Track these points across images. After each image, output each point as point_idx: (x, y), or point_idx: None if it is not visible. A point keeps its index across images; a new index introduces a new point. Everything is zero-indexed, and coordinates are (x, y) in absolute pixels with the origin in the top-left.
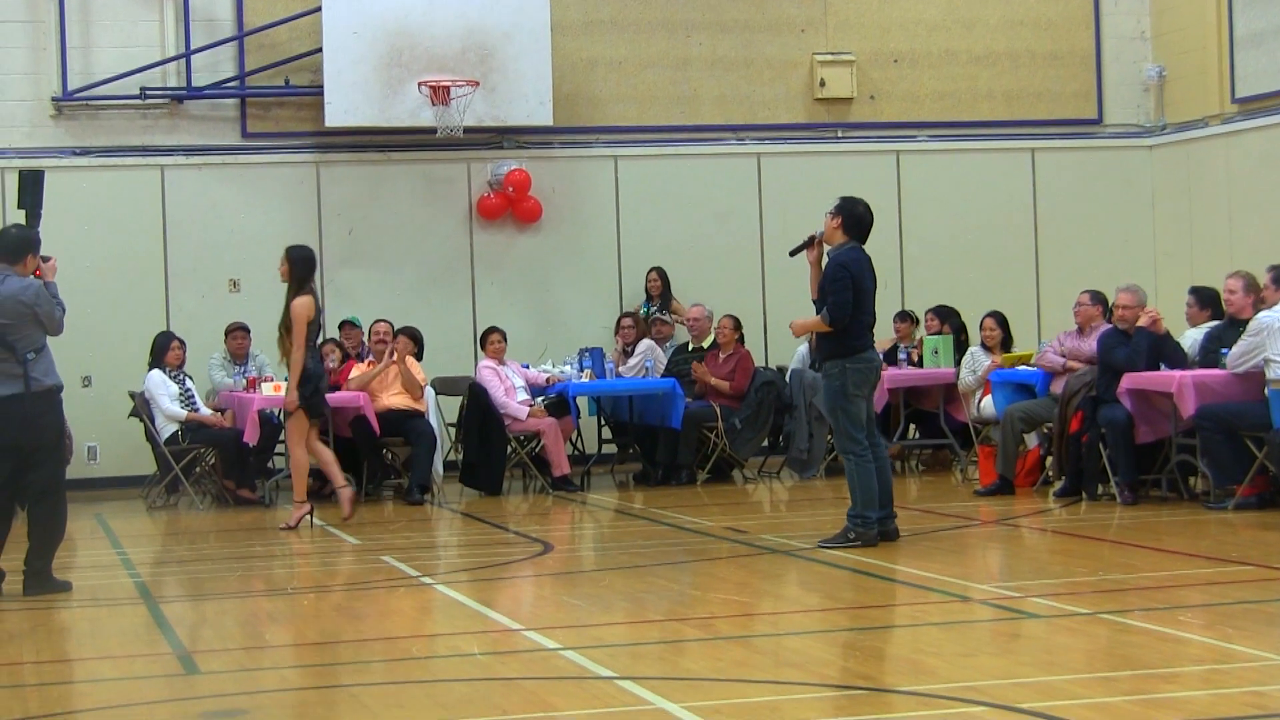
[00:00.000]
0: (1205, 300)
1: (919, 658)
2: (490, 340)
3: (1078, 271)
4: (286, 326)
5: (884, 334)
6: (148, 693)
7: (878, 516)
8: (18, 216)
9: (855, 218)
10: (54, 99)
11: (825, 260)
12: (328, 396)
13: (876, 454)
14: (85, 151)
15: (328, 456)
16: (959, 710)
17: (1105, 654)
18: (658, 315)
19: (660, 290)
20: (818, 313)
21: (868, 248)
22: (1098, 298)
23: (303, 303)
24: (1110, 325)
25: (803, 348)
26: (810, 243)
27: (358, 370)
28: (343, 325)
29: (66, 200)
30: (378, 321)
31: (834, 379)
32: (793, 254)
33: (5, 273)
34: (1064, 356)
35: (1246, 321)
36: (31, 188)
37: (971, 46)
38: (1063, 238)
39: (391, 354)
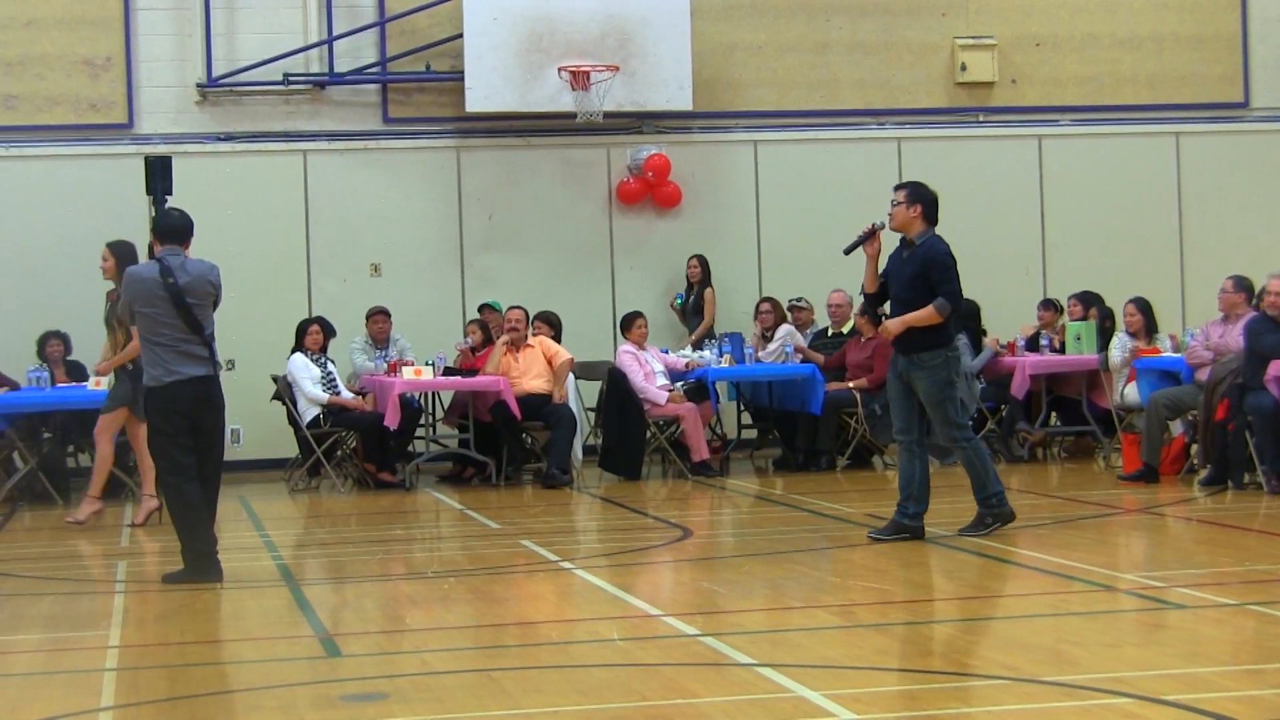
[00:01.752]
0: None
1: (1062, 647)
2: (635, 325)
3: (1223, 257)
4: (118, 320)
5: (1027, 320)
6: (290, 675)
7: (997, 491)
8: (171, 201)
9: (931, 203)
10: (199, 85)
11: (888, 252)
12: (469, 380)
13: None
14: (229, 137)
15: (108, 459)
16: (1103, 701)
17: (1253, 646)
18: (683, 303)
19: (699, 277)
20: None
21: (1012, 234)
22: (1242, 284)
23: None
24: (1258, 311)
25: None
26: (871, 235)
27: (494, 355)
28: (482, 309)
29: (210, 185)
30: (512, 308)
31: (938, 369)
32: (848, 251)
33: (179, 253)
34: (1211, 351)
35: None
36: (160, 174)
37: (1115, 30)
38: (1208, 223)
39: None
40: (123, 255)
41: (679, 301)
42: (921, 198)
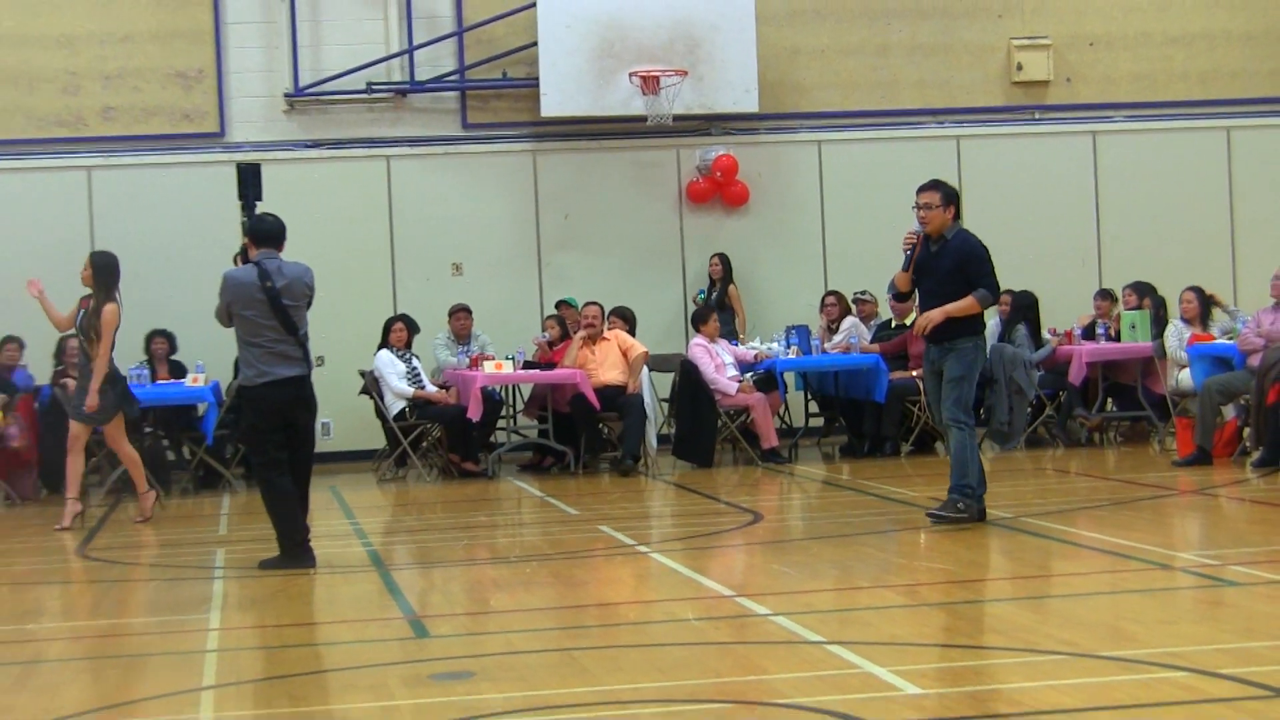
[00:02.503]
0: None
1: (1120, 624)
2: (709, 319)
3: (1274, 247)
4: (96, 332)
5: (1084, 310)
6: (381, 655)
7: (973, 486)
8: (261, 206)
9: (956, 195)
10: (286, 95)
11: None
12: (548, 374)
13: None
14: (316, 144)
15: (136, 457)
16: (1160, 675)
17: None
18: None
19: (721, 274)
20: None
21: (1068, 227)
22: None
23: (112, 310)
24: None
25: (994, 321)
26: (917, 244)
27: (571, 349)
28: (559, 305)
29: (299, 190)
30: (588, 304)
31: (967, 354)
32: (907, 267)
33: (275, 257)
34: (1263, 338)
35: None
36: (251, 180)
37: (1167, 28)
38: (1259, 214)
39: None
40: (101, 265)
41: (701, 296)
42: (954, 198)
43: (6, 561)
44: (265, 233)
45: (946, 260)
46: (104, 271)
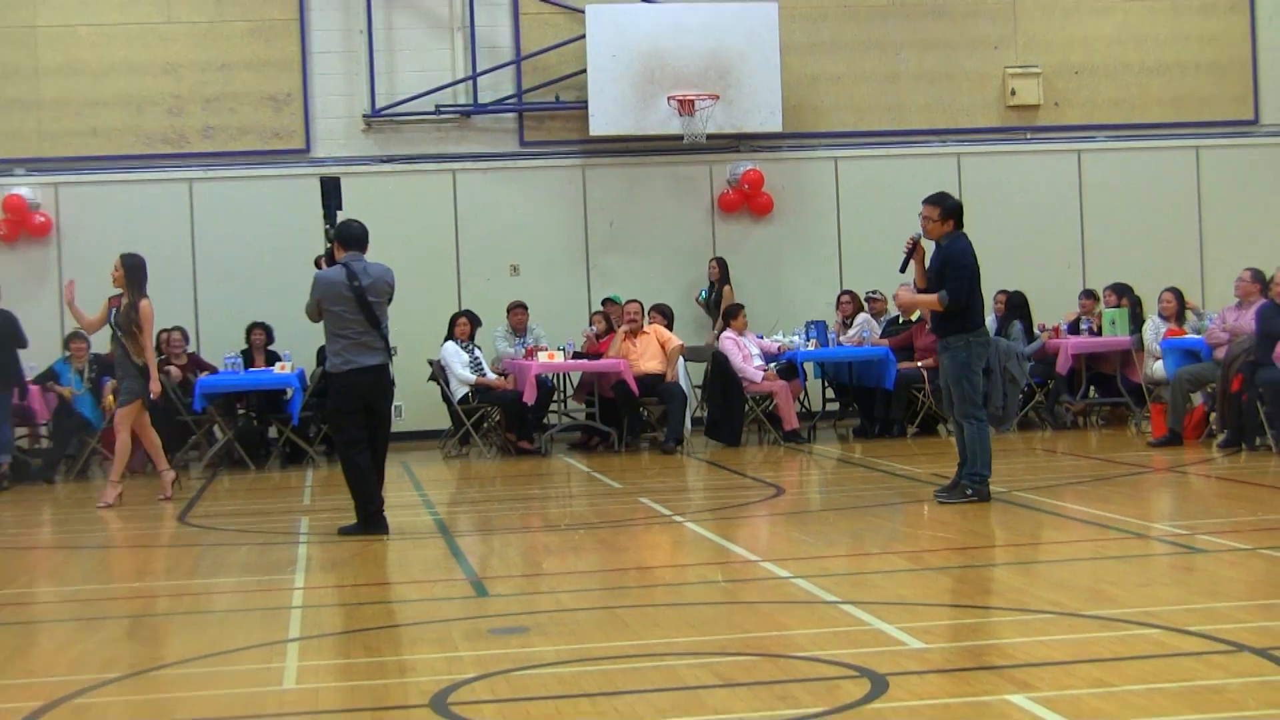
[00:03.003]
0: None
1: (1101, 587)
2: (739, 315)
3: (1237, 253)
4: (138, 326)
5: (1070, 308)
6: (446, 612)
7: (982, 473)
8: (342, 215)
9: (955, 209)
10: (364, 116)
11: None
12: (594, 363)
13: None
14: (390, 159)
15: (128, 447)
16: (1136, 633)
17: (1265, 584)
18: (711, 299)
19: (718, 277)
20: None
21: (1055, 234)
22: (1258, 276)
23: (148, 305)
24: (1268, 300)
25: (990, 318)
26: (915, 249)
27: (615, 341)
28: (605, 302)
29: (375, 200)
30: (630, 301)
31: (959, 351)
32: (903, 269)
33: (360, 259)
34: (1228, 333)
35: None
36: (333, 192)
37: (1143, 58)
38: (1225, 224)
39: (625, 329)
40: (131, 267)
41: (703, 296)
42: (951, 211)
43: (115, 528)
44: (351, 236)
45: (938, 262)
46: (135, 271)
